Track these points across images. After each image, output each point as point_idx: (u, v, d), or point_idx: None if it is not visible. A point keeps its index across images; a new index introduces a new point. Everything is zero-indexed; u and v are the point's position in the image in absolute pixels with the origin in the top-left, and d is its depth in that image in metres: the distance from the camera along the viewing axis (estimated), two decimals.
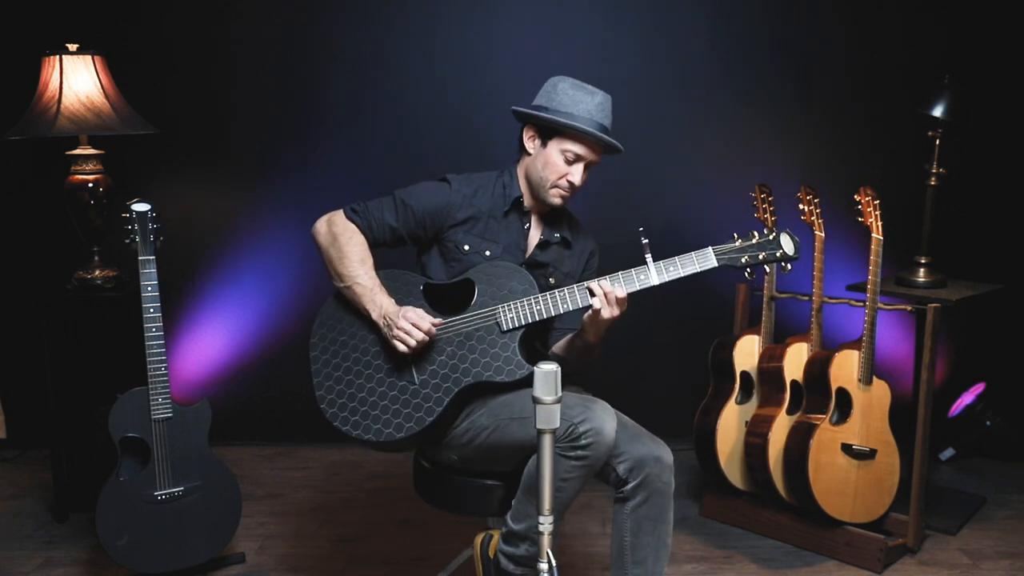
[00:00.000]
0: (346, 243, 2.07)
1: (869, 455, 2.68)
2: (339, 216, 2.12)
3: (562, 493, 1.91)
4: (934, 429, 2.74)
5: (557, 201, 2.12)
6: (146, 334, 2.35)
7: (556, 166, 2.07)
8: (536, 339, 2.19)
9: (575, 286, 2.00)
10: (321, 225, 2.13)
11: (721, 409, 2.88)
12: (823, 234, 2.74)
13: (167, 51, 3.33)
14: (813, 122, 3.42)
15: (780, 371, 2.76)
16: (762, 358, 2.84)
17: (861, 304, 2.69)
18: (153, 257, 2.36)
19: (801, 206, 2.76)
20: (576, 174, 2.08)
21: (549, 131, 2.07)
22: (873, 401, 2.69)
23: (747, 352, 2.88)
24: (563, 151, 2.06)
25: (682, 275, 1.98)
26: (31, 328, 2.95)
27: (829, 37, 3.37)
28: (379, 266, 2.09)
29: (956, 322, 3.33)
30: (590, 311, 1.99)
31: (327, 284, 3.24)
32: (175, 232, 3.21)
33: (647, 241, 1.97)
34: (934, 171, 2.84)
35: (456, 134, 3.38)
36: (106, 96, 2.77)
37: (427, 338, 1.98)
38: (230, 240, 3.46)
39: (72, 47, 2.74)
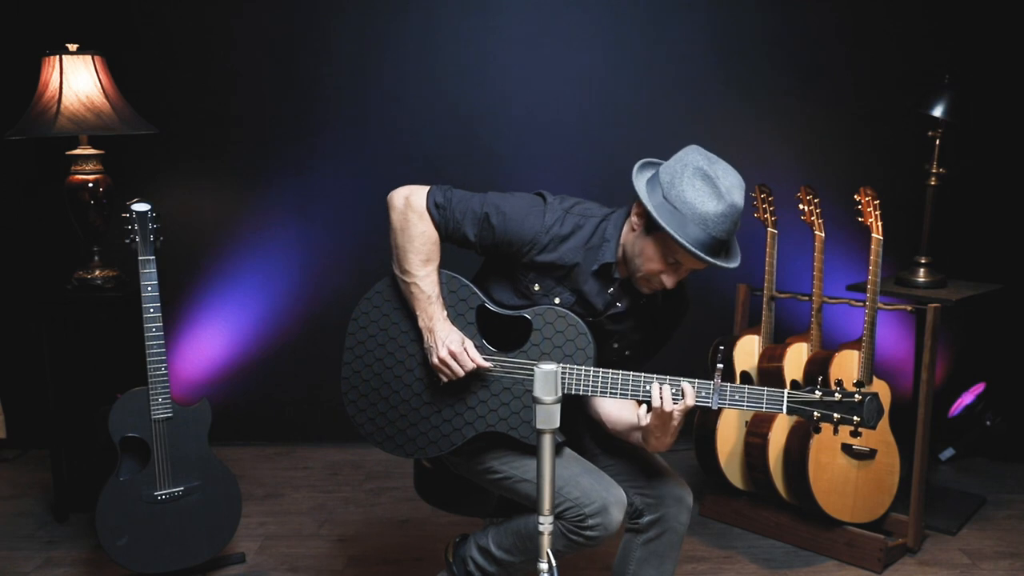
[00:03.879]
0: (416, 236, 1.89)
1: (869, 455, 2.68)
2: (419, 199, 1.91)
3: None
4: (934, 429, 2.74)
5: (644, 290, 1.88)
6: (146, 334, 2.34)
7: (653, 262, 1.81)
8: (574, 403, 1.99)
9: (633, 377, 1.82)
10: (398, 200, 1.92)
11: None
12: (823, 234, 2.74)
13: (167, 51, 3.33)
14: (813, 122, 3.42)
15: (780, 371, 2.76)
16: (762, 358, 2.84)
17: (861, 304, 2.69)
18: (153, 257, 2.36)
19: (801, 206, 2.76)
20: (670, 279, 1.83)
21: (655, 219, 1.77)
22: None
23: (747, 352, 2.88)
24: (665, 252, 1.79)
25: (742, 408, 1.81)
26: (31, 328, 2.95)
27: (829, 37, 3.36)
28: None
29: (956, 322, 3.33)
30: (639, 423, 1.83)
31: (327, 284, 3.22)
32: (175, 232, 3.22)
33: (722, 366, 1.82)
34: (934, 171, 2.84)
35: (456, 134, 3.38)
36: (106, 96, 2.77)
37: (463, 374, 1.87)
38: (230, 240, 3.46)
39: (72, 47, 2.74)
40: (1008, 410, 3.42)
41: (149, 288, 2.35)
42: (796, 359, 2.76)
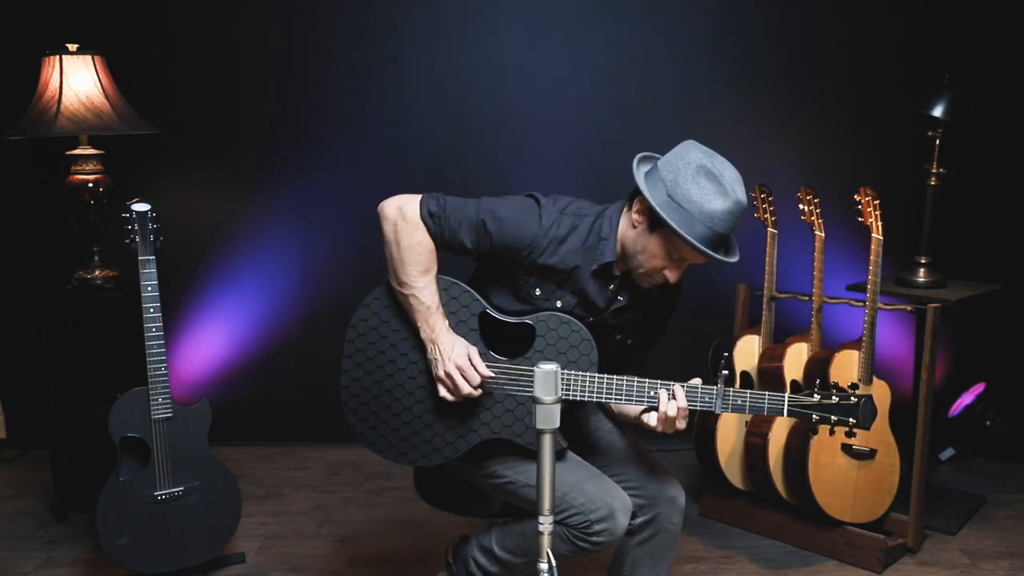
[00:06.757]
0: (411, 247, 1.85)
1: (869, 455, 2.68)
2: (412, 209, 1.86)
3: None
4: (934, 429, 2.74)
5: (644, 285, 1.88)
6: (146, 334, 2.35)
7: (657, 259, 1.81)
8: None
9: (638, 383, 1.82)
10: (391, 210, 1.88)
11: None
12: (823, 234, 2.74)
13: (168, 51, 3.33)
14: (813, 122, 3.42)
15: (780, 371, 2.76)
16: (762, 358, 2.84)
17: (861, 304, 2.69)
18: (153, 257, 2.36)
19: (801, 206, 2.76)
20: (674, 274, 1.82)
21: (662, 218, 1.75)
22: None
23: (747, 352, 2.88)
24: (670, 248, 1.79)
25: (744, 412, 1.84)
26: (31, 328, 2.95)
27: (829, 37, 3.36)
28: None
29: (956, 322, 3.33)
30: (643, 417, 1.85)
31: (327, 284, 3.20)
32: (175, 232, 3.21)
33: (726, 372, 1.81)
34: (934, 171, 2.84)
35: (456, 134, 3.38)
36: (106, 96, 2.77)
37: (473, 392, 1.84)
38: (230, 240, 3.46)
39: (72, 47, 2.74)
40: (1008, 410, 3.42)
41: (149, 288, 2.35)
42: (796, 359, 2.76)
